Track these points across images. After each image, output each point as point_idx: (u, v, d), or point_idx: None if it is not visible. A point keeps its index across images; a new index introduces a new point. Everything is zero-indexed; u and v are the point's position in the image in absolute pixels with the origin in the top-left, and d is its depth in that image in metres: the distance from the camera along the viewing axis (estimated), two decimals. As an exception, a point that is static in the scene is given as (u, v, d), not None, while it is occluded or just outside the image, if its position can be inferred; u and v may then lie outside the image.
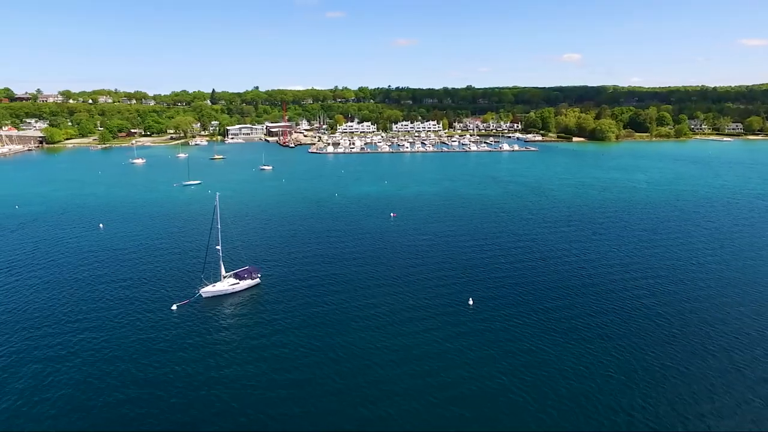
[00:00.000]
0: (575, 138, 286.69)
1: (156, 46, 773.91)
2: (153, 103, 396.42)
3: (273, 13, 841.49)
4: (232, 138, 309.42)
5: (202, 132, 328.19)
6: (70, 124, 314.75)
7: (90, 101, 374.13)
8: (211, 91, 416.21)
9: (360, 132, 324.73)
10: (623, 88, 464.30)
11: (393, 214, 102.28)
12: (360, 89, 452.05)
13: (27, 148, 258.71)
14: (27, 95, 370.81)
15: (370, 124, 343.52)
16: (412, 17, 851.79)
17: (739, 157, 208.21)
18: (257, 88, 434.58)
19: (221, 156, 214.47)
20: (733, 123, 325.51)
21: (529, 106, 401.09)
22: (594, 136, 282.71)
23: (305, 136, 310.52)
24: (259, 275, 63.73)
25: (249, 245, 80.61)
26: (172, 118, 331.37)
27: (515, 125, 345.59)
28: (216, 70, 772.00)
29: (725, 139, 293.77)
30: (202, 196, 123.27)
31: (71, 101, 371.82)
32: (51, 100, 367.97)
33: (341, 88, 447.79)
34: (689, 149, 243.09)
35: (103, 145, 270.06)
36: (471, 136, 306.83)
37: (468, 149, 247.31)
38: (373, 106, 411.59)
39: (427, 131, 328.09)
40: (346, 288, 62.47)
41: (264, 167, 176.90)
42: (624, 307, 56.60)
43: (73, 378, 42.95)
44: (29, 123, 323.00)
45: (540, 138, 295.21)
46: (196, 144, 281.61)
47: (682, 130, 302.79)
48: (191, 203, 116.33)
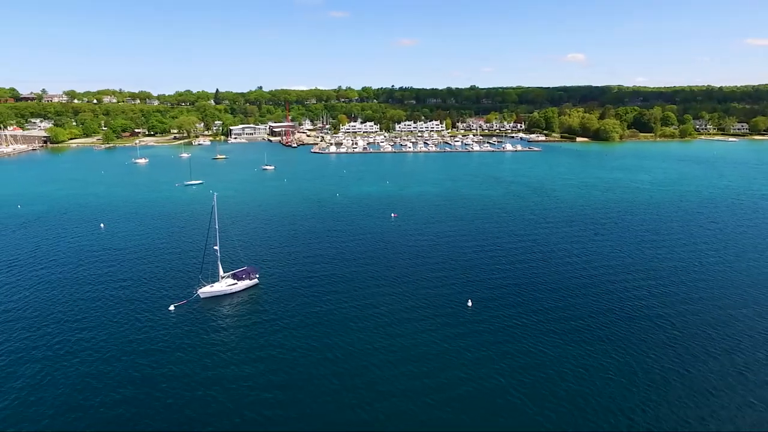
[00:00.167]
0: (579, 138, 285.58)
1: (160, 46, 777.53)
2: (157, 103, 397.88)
3: (277, 13, 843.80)
4: (235, 138, 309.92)
5: (205, 132, 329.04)
6: (74, 123, 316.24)
7: (94, 101, 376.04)
8: (215, 91, 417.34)
9: (363, 132, 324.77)
10: (628, 88, 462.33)
11: (394, 214, 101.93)
12: (363, 89, 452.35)
13: (31, 147, 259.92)
14: (32, 95, 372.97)
15: (373, 124, 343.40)
16: (416, 17, 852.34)
17: (745, 158, 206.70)
18: (261, 88, 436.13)
19: (224, 156, 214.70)
20: (739, 123, 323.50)
21: (533, 106, 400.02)
22: (598, 136, 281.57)
23: (308, 136, 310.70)
24: (257, 275, 63.52)
25: (248, 245, 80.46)
26: (175, 117, 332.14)
27: (519, 125, 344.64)
28: (220, 70, 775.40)
29: (730, 140, 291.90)
30: (203, 196, 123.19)
31: (76, 101, 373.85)
32: (56, 100, 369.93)
33: (345, 88, 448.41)
34: (694, 149, 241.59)
35: (107, 145, 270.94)
36: (474, 136, 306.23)
37: (471, 149, 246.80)
38: (377, 106, 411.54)
39: (430, 131, 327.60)
40: (344, 288, 62.19)
41: (266, 167, 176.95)
42: (624, 308, 56.04)
43: (70, 378, 42.84)
44: (34, 123, 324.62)
45: (543, 138, 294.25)
46: (199, 144, 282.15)
47: (686, 130, 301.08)
48: (192, 203, 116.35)
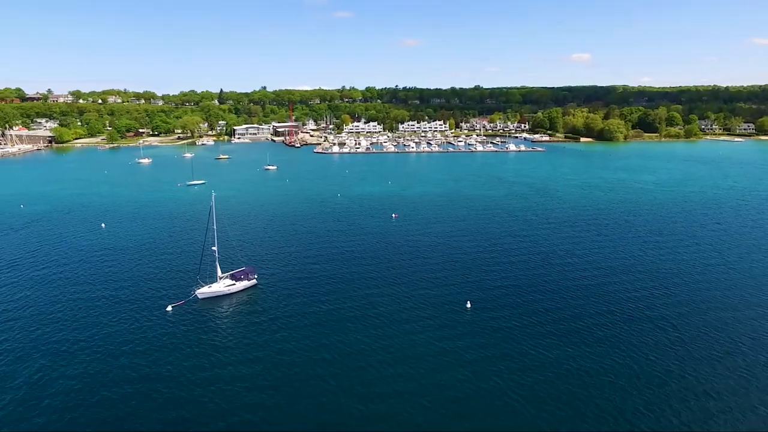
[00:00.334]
0: (583, 138, 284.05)
1: (165, 46, 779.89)
2: (161, 103, 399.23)
3: (281, 14, 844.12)
4: (238, 138, 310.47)
5: (209, 132, 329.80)
6: (79, 123, 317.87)
7: (99, 101, 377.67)
8: (219, 91, 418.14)
9: (366, 132, 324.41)
10: (633, 87, 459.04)
11: (395, 214, 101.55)
12: (367, 89, 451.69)
13: (36, 147, 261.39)
14: (38, 95, 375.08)
15: (376, 124, 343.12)
16: (420, 17, 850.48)
17: (751, 158, 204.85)
18: (265, 88, 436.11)
19: (226, 156, 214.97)
20: (745, 123, 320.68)
21: (537, 106, 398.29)
22: (602, 136, 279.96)
23: (311, 136, 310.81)
24: (256, 276, 63.31)
25: (248, 246, 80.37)
26: (179, 117, 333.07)
27: (523, 125, 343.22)
28: (224, 70, 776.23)
29: (736, 140, 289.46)
30: (205, 196, 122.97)
31: (81, 101, 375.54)
32: (61, 100, 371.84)
33: (349, 88, 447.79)
34: (699, 150, 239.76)
35: (111, 145, 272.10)
36: (477, 136, 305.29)
37: (474, 149, 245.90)
38: (380, 106, 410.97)
39: (434, 131, 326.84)
40: (343, 289, 61.93)
41: (268, 167, 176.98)
42: (626, 310, 55.48)
43: (68, 377, 42.84)
44: (40, 123, 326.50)
45: (547, 138, 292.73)
46: (202, 144, 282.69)
47: (692, 130, 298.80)
48: (194, 203, 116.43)
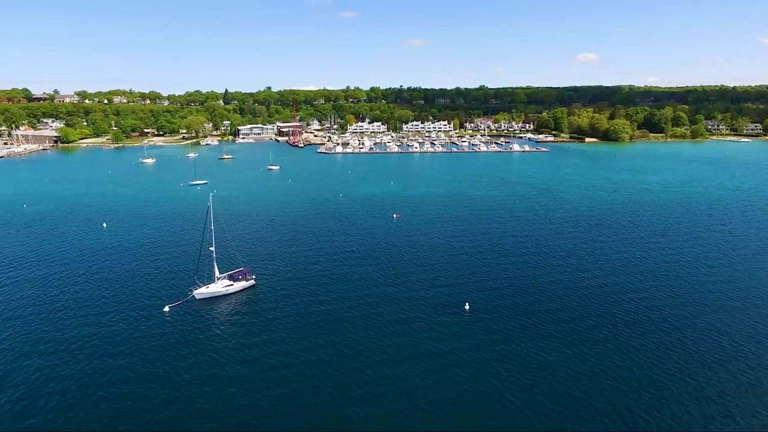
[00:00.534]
0: (588, 138, 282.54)
1: (171, 47, 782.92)
2: (167, 103, 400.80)
3: (287, 14, 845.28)
4: (243, 138, 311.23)
5: (213, 132, 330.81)
6: (85, 123, 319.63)
7: (105, 101, 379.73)
8: (224, 92, 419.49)
9: (370, 132, 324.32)
10: (639, 87, 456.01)
11: (396, 215, 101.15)
12: (372, 89, 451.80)
13: (42, 147, 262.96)
14: (44, 95, 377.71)
15: (380, 124, 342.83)
16: (425, 17, 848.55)
17: (758, 159, 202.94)
18: (269, 88, 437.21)
19: (230, 156, 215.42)
20: (752, 123, 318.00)
21: (542, 106, 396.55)
22: (607, 136, 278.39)
23: (315, 136, 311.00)
24: (254, 276, 63.07)
25: (248, 246, 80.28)
26: (184, 118, 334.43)
27: (527, 125, 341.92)
28: (229, 70, 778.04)
29: (743, 140, 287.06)
30: (207, 196, 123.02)
31: (87, 101, 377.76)
32: (68, 100, 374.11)
33: (353, 88, 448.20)
34: (705, 150, 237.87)
35: (116, 145, 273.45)
36: (482, 136, 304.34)
37: (478, 150, 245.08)
38: (385, 106, 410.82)
39: (438, 131, 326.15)
40: (342, 289, 61.62)
41: (271, 167, 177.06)
42: (627, 311, 54.81)
43: (64, 377, 42.76)
44: (46, 123, 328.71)
45: (552, 138, 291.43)
46: (206, 144, 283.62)
47: (698, 130, 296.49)
48: (195, 203, 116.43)
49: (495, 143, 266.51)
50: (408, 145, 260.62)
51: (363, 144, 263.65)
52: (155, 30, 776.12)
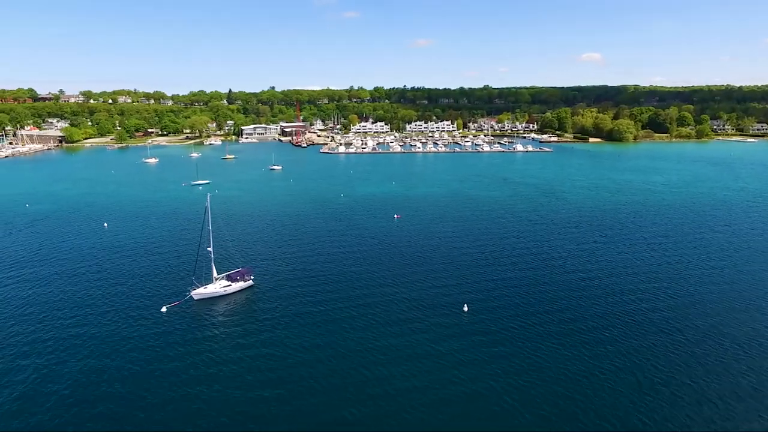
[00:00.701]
0: (592, 139, 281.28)
1: (175, 47, 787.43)
2: (171, 103, 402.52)
3: (291, 14, 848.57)
4: (246, 138, 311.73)
5: (217, 132, 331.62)
6: (89, 123, 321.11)
7: (110, 101, 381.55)
8: (228, 92, 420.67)
9: (373, 132, 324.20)
10: (644, 87, 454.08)
11: (397, 215, 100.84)
12: (375, 89, 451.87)
13: (46, 147, 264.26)
14: (50, 95, 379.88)
15: (383, 124, 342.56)
16: (430, 17, 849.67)
17: (763, 159, 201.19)
18: (273, 88, 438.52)
19: (233, 156, 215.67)
20: (758, 123, 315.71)
21: (546, 106, 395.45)
22: (611, 136, 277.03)
23: (318, 136, 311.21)
24: (252, 277, 62.92)
25: (248, 246, 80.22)
26: (188, 117, 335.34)
27: (531, 126, 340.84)
28: (233, 70, 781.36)
29: (749, 140, 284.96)
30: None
31: (92, 101, 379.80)
32: (72, 100, 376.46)
33: (357, 88, 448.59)
34: (710, 150, 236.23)
35: (120, 145, 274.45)
36: (485, 136, 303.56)
37: (481, 150, 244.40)
38: (388, 106, 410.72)
39: (441, 131, 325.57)
40: (341, 290, 61.41)
41: (273, 167, 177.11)
42: (628, 313, 54.31)
43: (63, 376, 42.80)
44: (51, 123, 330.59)
45: (555, 139, 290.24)
46: (210, 144, 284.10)
47: (703, 130, 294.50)
48: (197, 203, 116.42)
49: (498, 143, 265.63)
50: (411, 145, 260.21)
51: (366, 144, 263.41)
52: (160, 30, 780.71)
